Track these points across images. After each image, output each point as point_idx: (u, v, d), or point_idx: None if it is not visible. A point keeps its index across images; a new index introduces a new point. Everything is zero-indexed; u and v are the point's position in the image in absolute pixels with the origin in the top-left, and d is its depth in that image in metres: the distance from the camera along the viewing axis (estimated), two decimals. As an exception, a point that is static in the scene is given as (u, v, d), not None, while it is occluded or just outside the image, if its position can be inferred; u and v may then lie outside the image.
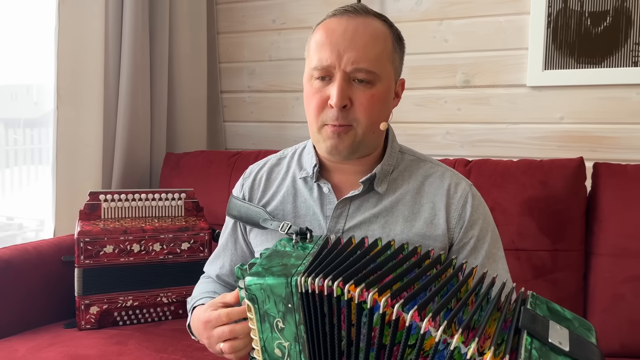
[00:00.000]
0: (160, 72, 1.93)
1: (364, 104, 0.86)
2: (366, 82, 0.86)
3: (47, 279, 1.47)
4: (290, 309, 0.69)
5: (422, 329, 0.61)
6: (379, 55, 0.87)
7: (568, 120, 1.69)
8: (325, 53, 0.86)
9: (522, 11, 1.72)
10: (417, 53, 1.85)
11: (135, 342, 1.30)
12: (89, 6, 1.69)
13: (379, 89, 0.87)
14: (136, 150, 1.85)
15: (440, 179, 0.95)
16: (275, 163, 1.05)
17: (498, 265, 0.94)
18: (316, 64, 0.87)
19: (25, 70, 2.25)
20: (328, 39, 0.87)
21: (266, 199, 1.02)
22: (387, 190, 0.94)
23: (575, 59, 1.65)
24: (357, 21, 0.87)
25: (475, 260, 0.92)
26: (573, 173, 1.40)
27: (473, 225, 0.92)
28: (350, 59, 0.85)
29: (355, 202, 0.94)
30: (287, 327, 0.70)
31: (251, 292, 0.71)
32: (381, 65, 0.87)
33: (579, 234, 1.36)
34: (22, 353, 1.24)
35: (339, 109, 0.85)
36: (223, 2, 2.14)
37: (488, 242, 0.93)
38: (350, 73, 0.85)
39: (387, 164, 0.95)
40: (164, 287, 1.46)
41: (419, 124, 1.87)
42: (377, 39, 0.87)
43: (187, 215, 1.56)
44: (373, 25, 0.88)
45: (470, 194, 0.94)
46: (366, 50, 0.85)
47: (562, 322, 0.65)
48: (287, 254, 0.78)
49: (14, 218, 3.16)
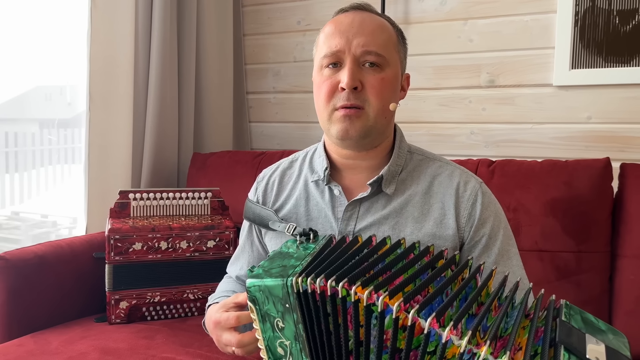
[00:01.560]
0: (188, 74, 1.98)
1: (375, 86, 0.88)
2: (376, 66, 0.89)
3: (79, 274, 1.52)
4: (288, 308, 0.70)
5: (443, 338, 0.58)
6: (386, 41, 0.90)
7: (595, 120, 1.66)
8: (334, 40, 0.89)
9: (548, 10, 1.70)
10: (442, 53, 1.85)
11: (163, 337, 1.34)
12: (119, 10, 1.74)
13: (388, 74, 0.90)
14: (164, 150, 1.90)
15: (449, 178, 0.95)
16: (287, 166, 1.07)
17: (512, 262, 0.93)
18: (326, 51, 0.90)
19: (59, 71, 2.32)
20: (337, 29, 0.90)
21: (280, 202, 1.03)
22: (396, 191, 0.94)
23: (603, 57, 1.63)
24: (363, 14, 0.92)
25: (488, 259, 0.91)
26: (599, 174, 1.38)
27: (484, 224, 0.92)
28: (360, 42, 0.88)
29: (365, 204, 0.95)
30: (287, 327, 0.71)
31: (251, 293, 0.73)
32: (389, 51, 0.90)
33: (605, 236, 1.35)
34: (55, 345, 1.30)
35: (350, 90, 0.87)
36: (249, 4, 2.18)
37: (500, 239, 0.92)
38: (360, 57, 0.88)
39: (394, 164, 0.95)
40: (191, 283, 1.50)
41: (443, 124, 1.87)
42: (384, 28, 0.91)
43: (213, 214, 1.60)
44: (378, 19, 0.93)
45: (480, 192, 0.94)
46: (374, 36, 0.89)
47: (597, 334, 0.64)
48: (289, 254, 0.79)
49: (48, 216, 3.27)
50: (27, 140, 3.21)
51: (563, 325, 0.62)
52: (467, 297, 0.70)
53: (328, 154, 0.99)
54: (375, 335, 0.65)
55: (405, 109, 1.92)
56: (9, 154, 3.08)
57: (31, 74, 2.40)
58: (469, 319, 0.64)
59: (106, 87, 1.74)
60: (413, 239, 0.89)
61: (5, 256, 1.38)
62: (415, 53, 1.89)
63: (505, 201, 1.41)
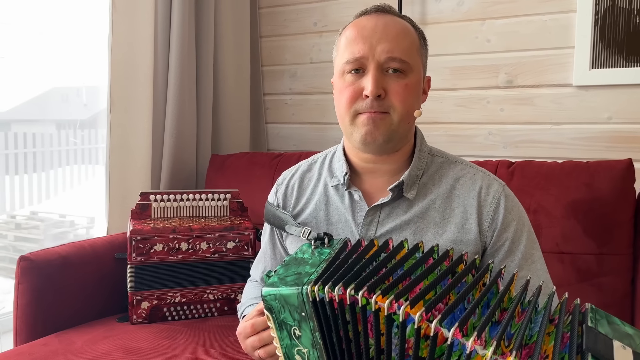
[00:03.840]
0: (206, 76, 1.99)
1: (400, 93, 0.88)
2: (400, 72, 0.88)
3: (101, 275, 1.55)
4: (305, 317, 0.70)
5: (467, 348, 0.58)
6: (409, 46, 0.89)
7: (616, 121, 1.65)
8: (357, 46, 0.88)
9: (567, 9, 1.68)
10: (459, 54, 1.84)
11: (184, 337, 1.36)
12: (139, 13, 1.76)
13: (412, 80, 0.89)
14: (183, 152, 1.92)
15: (472, 181, 0.94)
16: (306, 169, 1.06)
17: (537, 266, 0.92)
18: (349, 57, 0.89)
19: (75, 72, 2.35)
20: (360, 33, 0.89)
21: (300, 206, 1.03)
22: (417, 195, 0.93)
23: (624, 57, 1.61)
24: (386, 18, 0.91)
25: (512, 263, 0.90)
26: (621, 175, 1.36)
27: (507, 228, 0.91)
28: (384, 49, 0.87)
29: (386, 209, 0.94)
30: (304, 335, 0.71)
31: (267, 302, 0.73)
32: (412, 56, 0.90)
33: (627, 238, 1.33)
34: (79, 345, 1.32)
35: (374, 97, 0.86)
36: (265, 6, 2.19)
37: (524, 243, 0.91)
38: (384, 63, 0.87)
39: (415, 168, 0.94)
40: (210, 284, 1.52)
41: (461, 125, 1.86)
42: (407, 32, 0.91)
43: (232, 215, 1.61)
44: (400, 21, 0.92)
45: (502, 195, 0.92)
46: (398, 41, 0.88)
47: (623, 339, 0.62)
48: (304, 260, 0.78)
49: (66, 215, 3.32)
50: (45, 141, 3.26)
51: (590, 331, 0.62)
52: (489, 303, 0.69)
53: (347, 157, 0.99)
54: (397, 344, 0.65)
55: (422, 109, 1.91)
56: (27, 154, 3.13)
57: (48, 76, 2.43)
58: (492, 327, 0.63)
59: (126, 89, 1.76)
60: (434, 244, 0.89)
61: (30, 257, 1.40)
62: (432, 54, 1.87)
63: (526, 203, 1.40)
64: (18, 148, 3.00)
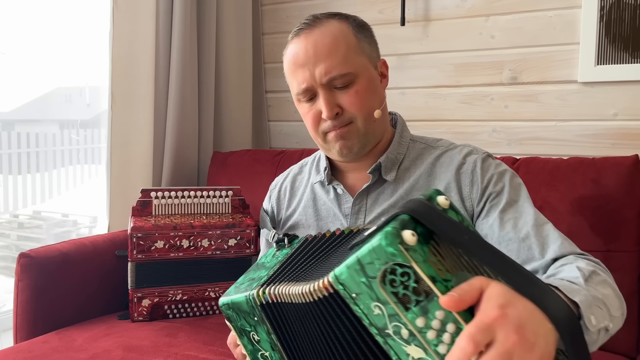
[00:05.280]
0: (208, 73, 1.98)
1: (354, 102, 0.89)
2: (347, 84, 0.89)
3: (102, 272, 1.54)
4: (258, 321, 0.70)
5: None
6: (345, 54, 0.89)
7: (622, 117, 1.63)
8: (298, 77, 0.90)
9: (572, 5, 1.67)
10: (463, 50, 1.82)
11: (185, 335, 1.35)
12: (141, 10, 1.75)
13: (361, 84, 0.90)
14: (185, 149, 1.91)
15: (450, 158, 0.95)
16: (297, 172, 1.09)
17: (522, 207, 0.88)
18: (297, 89, 0.91)
19: (78, 73, 2.35)
20: (295, 64, 0.90)
21: (292, 207, 1.05)
22: (400, 179, 0.95)
23: (629, 53, 1.59)
24: (312, 34, 0.90)
25: (497, 210, 0.87)
26: (628, 171, 1.35)
27: (487, 185, 0.90)
28: (321, 72, 0.88)
29: (372, 196, 0.96)
30: (262, 338, 0.71)
31: (224, 312, 0.73)
32: (352, 62, 0.89)
33: (634, 235, 1.31)
34: (79, 342, 1.31)
35: (332, 118, 0.89)
36: (268, 3, 2.18)
37: (507, 190, 0.89)
38: (327, 84, 0.89)
39: (393, 152, 0.96)
40: (212, 282, 1.50)
41: (465, 122, 1.85)
42: (337, 40, 0.89)
43: (234, 213, 1.60)
44: (328, 29, 0.90)
45: (479, 159, 0.92)
46: (332, 57, 0.88)
47: None
48: (262, 265, 0.79)
49: (69, 215, 3.32)
50: (48, 141, 3.26)
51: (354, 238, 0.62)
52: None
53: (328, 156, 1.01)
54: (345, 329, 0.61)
55: (426, 106, 1.90)
56: (30, 154, 3.14)
57: (51, 76, 2.43)
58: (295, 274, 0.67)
59: (128, 87, 1.76)
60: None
61: (30, 254, 1.39)
62: (436, 50, 1.87)
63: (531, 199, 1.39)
64: (21, 148, 3.01)
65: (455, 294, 0.49)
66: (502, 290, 0.50)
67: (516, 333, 0.47)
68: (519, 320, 0.48)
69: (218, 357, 1.23)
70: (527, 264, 0.83)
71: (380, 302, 0.52)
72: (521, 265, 0.55)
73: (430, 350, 0.51)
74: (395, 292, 0.51)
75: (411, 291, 0.51)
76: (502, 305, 0.48)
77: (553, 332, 0.50)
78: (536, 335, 0.48)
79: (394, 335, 0.52)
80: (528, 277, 0.52)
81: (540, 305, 0.50)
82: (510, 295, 0.50)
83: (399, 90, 1.94)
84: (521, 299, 0.50)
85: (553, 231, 0.86)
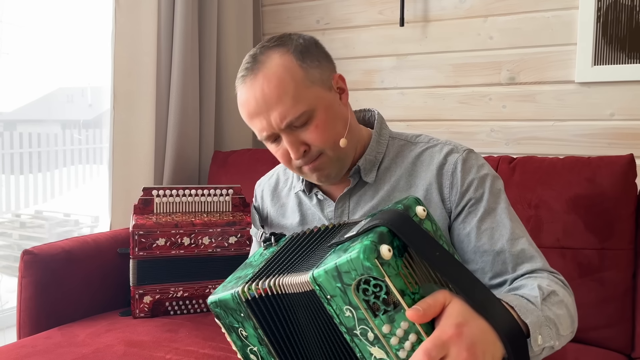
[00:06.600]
0: (209, 73, 2.00)
1: (317, 137, 0.87)
2: (305, 123, 0.86)
3: (104, 269, 1.55)
4: (244, 317, 0.72)
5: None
6: (295, 94, 0.85)
7: (619, 117, 1.65)
8: (257, 125, 0.88)
9: (570, 6, 1.69)
10: (461, 51, 1.84)
11: (186, 331, 1.36)
12: (142, 10, 1.77)
13: (320, 116, 0.87)
14: (186, 148, 1.93)
15: (430, 156, 0.94)
16: (282, 172, 1.09)
17: (500, 217, 0.88)
18: (259, 136, 0.90)
19: (80, 73, 2.37)
20: (249, 114, 0.88)
21: (276, 208, 1.06)
22: (381, 180, 0.94)
23: (626, 53, 1.61)
24: (257, 80, 0.86)
25: (474, 218, 0.88)
26: (622, 170, 1.36)
27: (468, 189, 0.90)
28: (277, 118, 0.85)
29: (354, 198, 0.95)
30: (250, 334, 0.73)
31: (213, 310, 0.75)
32: (304, 99, 0.85)
33: (628, 233, 1.33)
34: (82, 338, 1.33)
35: (302, 157, 0.88)
36: (268, 4, 2.20)
37: (486, 197, 0.89)
38: (286, 127, 0.86)
39: (371, 153, 0.94)
40: (213, 279, 1.52)
41: (463, 122, 1.87)
42: (283, 81, 0.85)
43: (235, 211, 1.62)
44: (271, 70, 0.85)
45: (460, 159, 0.91)
46: (282, 102, 0.84)
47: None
48: (250, 264, 0.80)
49: (71, 214, 3.34)
50: (50, 141, 3.28)
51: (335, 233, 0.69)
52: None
53: None
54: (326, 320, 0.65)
55: (425, 106, 1.92)
56: (32, 154, 3.15)
57: (54, 76, 2.45)
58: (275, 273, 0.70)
59: (130, 86, 1.77)
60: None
61: (33, 251, 1.41)
62: (434, 51, 1.89)
63: (527, 198, 1.40)
64: (23, 148, 3.02)
65: (420, 308, 0.56)
66: (462, 308, 0.58)
67: (467, 350, 0.56)
68: (471, 339, 0.56)
69: (218, 352, 1.24)
70: (498, 277, 0.86)
71: (352, 306, 0.58)
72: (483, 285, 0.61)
73: (392, 354, 0.57)
74: (366, 300, 0.57)
75: (381, 301, 0.57)
76: (459, 324, 0.57)
77: (501, 350, 0.59)
78: (484, 353, 0.57)
79: (361, 336, 0.59)
80: (487, 298, 0.60)
81: (494, 324, 0.59)
82: (468, 314, 0.58)
83: (398, 90, 1.95)
84: (477, 319, 0.58)
85: (528, 246, 0.87)
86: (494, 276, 0.86)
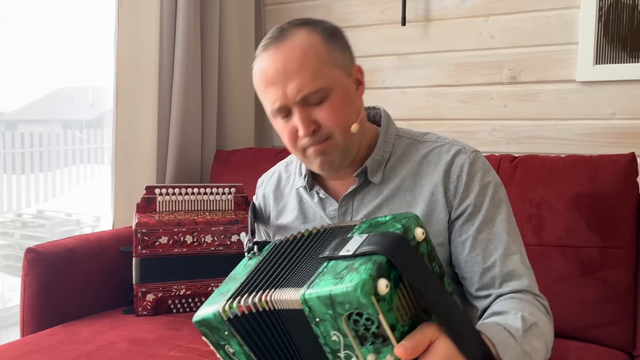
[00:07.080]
0: (211, 73, 2.01)
1: (330, 116, 0.86)
2: (320, 101, 0.85)
3: (107, 267, 1.56)
4: (229, 335, 0.71)
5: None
6: (315, 69, 0.84)
7: (620, 116, 1.65)
8: (271, 96, 0.86)
9: (571, 5, 1.69)
10: (463, 50, 1.85)
11: (189, 328, 1.37)
12: (145, 9, 1.77)
13: (336, 97, 0.86)
14: (188, 147, 1.93)
15: (438, 156, 0.93)
16: (283, 170, 1.08)
17: (497, 229, 0.88)
18: (270, 108, 0.88)
19: (81, 73, 2.37)
20: (266, 81, 0.87)
21: (279, 207, 1.04)
22: (386, 179, 0.93)
23: (627, 52, 1.61)
24: (281, 49, 0.85)
25: (472, 227, 0.88)
26: (624, 169, 1.37)
27: (469, 194, 0.89)
28: (293, 90, 0.84)
29: (358, 197, 0.94)
30: (236, 350, 0.72)
31: (199, 329, 0.74)
32: (324, 76, 0.85)
33: (630, 231, 1.33)
34: (85, 335, 1.33)
35: (310, 135, 0.86)
36: (270, 3, 2.20)
37: (485, 207, 0.89)
38: (301, 101, 0.85)
39: (378, 153, 0.93)
40: (215, 277, 1.53)
41: (465, 121, 1.87)
42: (307, 55, 0.85)
43: (237, 209, 1.62)
44: (297, 43, 0.85)
45: (467, 162, 0.90)
46: (302, 74, 0.84)
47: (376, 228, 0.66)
48: (234, 277, 0.79)
49: (72, 214, 3.34)
50: (52, 141, 3.28)
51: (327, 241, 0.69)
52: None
53: None
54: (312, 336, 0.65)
55: (426, 105, 1.92)
56: (33, 154, 3.16)
57: (55, 76, 2.46)
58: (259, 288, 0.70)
59: (132, 86, 1.78)
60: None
61: (37, 249, 1.42)
62: (436, 50, 1.89)
63: (528, 196, 1.41)
64: (25, 148, 3.03)
65: (408, 346, 0.58)
66: (447, 347, 0.60)
67: None
68: None
69: (221, 350, 1.25)
70: (485, 289, 0.87)
71: (340, 333, 0.58)
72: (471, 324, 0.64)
73: None
74: (356, 330, 0.58)
75: (370, 334, 0.57)
76: None
77: None
78: None
79: (344, 359, 0.60)
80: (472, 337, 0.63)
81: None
82: (452, 354, 0.60)
83: (399, 89, 1.96)
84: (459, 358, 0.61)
85: (519, 265, 0.87)
86: (481, 288, 0.87)
